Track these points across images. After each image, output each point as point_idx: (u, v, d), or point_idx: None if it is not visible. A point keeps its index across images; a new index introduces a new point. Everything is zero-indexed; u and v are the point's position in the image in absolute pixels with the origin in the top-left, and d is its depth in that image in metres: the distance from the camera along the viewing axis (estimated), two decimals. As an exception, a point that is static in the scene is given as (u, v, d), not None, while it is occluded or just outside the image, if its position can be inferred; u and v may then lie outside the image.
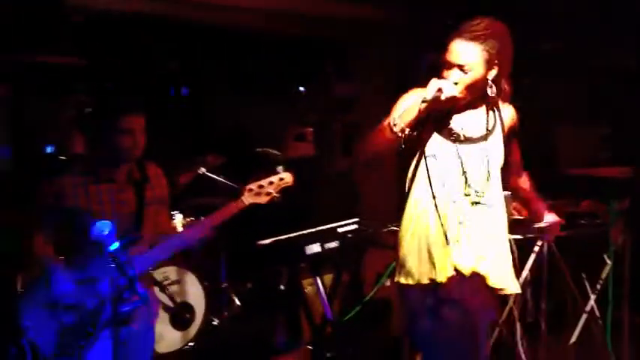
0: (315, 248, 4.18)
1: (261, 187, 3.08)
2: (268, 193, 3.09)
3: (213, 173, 4.73)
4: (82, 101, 5.81)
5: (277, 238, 4.63)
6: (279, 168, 3.19)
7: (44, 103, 6.58)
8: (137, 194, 2.91)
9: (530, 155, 5.58)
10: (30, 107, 6.35)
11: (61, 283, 2.76)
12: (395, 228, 3.74)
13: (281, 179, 3.10)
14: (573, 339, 4.19)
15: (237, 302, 4.91)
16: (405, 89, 2.67)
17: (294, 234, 4.45)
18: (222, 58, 6.41)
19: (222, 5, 5.22)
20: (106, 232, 2.31)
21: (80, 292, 2.77)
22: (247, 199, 3.06)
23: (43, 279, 2.80)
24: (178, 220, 4.49)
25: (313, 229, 4.23)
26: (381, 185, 4.00)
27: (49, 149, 6.60)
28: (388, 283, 3.88)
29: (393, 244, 2.89)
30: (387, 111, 2.56)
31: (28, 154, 6.14)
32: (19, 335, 2.77)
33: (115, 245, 2.33)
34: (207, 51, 6.28)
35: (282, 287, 4.61)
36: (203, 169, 4.71)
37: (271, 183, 3.09)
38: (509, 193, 3.84)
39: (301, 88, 7.39)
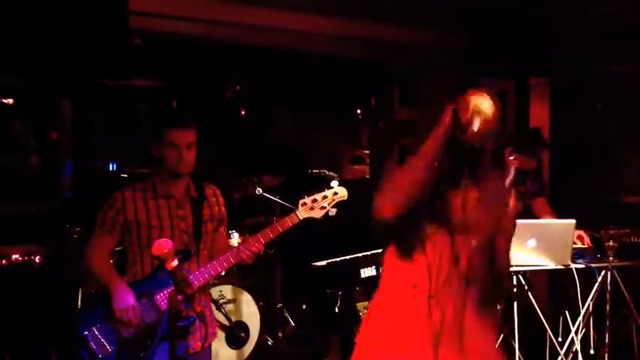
0: (370, 271, 4.15)
1: (315, 201, 3.06)
2: (322, 208, 3.06)
3: (269, 193, 4.76)
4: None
5: (333, 260, 4.62)
6: (334, 182, 3.15)
7: (107, 122, 6.77)
8: (194, 211, 2.95)
9: (593, 184, 5.47)
10: (93, 126, 6.55)
11: (122, 294, 2.81)
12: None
13: (335, 193, 3.07)
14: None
15: (292, 323, 4.90)
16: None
17: (350, 256, 4.44)
18: (282, 80, 6.49)
19: (284, 29, 5.28)
20: (166, 250, 2.34)
21: (140, 307, 2.81)
22: (301, 213, 3.04)
23: (104, 292, 2.86)
24: (235, 239, 4.53)
25: (369, 252, 4.20)
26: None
27: (111, 166, 6.78)
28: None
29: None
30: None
31: (91, 171, 6.31)
32: (79, 346, 2.82)
33: (174, 262, 2.36)
34: (267, 73, 6.37)
35: (336, 309, 4.58)
36: (260, 189, 4.74)
37: (325, 197, 3.06)
38: (574, 221, 3.76)
39: (359, 111, 7.41)
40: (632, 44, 5.15)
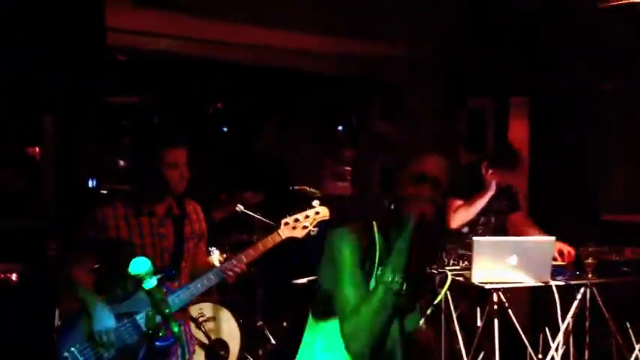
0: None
1: (297, 220, 3.09)
2: (304, 227, 3.09)
3: (250, 210, 4.75)
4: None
5: (314, 277, 4.61)
6: (315, 202, 3.18)
7: (86, 138, 6.72)
8: (176, 229, 2.94)
9: (572, 201, 5.51)
10: (73, 142, 6.50)
11: (101, 316, 2.77)
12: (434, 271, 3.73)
13: (317, 213, 3.11)
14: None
15: (273, 341, 4.87)
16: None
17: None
18: (264, 96, 6.50)
19: (264, 45, 5.31)
20: (144, 269, 2.32)
21: (120, 327, 2.78)
22: (284, 232, 3.07)
23: (83, 312, 2.82)
24: (215, 256, 4.51)
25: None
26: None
27: (90, 183, 6.73)
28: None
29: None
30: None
31: (71, 187, 6.26)
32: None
33: (153, 282, 2.33)
34: (249, 90, 6.38)
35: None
36: (241, 207, 4.74)
37: (307, 217, 3.09)
38: (554, 238, 3.79)
39: (340, 127, 7.44)
40: (612, 62, 5.22)
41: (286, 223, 3.08)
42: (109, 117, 6.65)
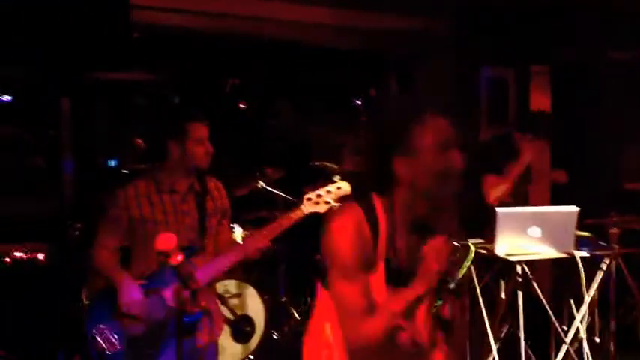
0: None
1: (319, 196, 3.08)
2: (327, 202, 3.08)
3: (271, 187, 4.75)
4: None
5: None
6: (337, 177, 3.18)
7: (105, 118, 6.76)
8: (198, 205, 2.95)
9: (593, 171, 5.47)
10: (92, 122, 6.54)
11: (129, 289, 2.80)
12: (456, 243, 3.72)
13: (338, 188, 3.10)
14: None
15: (297, 316, 4.90)
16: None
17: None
18: (281, 72, 6.47)
19: (282, 20, 5.27)
20: (170, 245, 2.33)
21: (147, 302, 2.81)
22: (306, 208, 3.07)
23: (110, 289, 2.85)
24: (237, 233, 4.52)
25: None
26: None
27: (111, 163, 6.77)
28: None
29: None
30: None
31: (91, 168, 6.30)
32: (87, 344, 2.82)
33: (179, 258, 2.35)
34: (267, 65, 6.35)
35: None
36: (262, 183, 4.75)
37: (329, 192, 3.09)
38: (577, 209, 3.76)
39: (358, 102, 7.39)
40: (631, 31, 5.13)
41: (309, 199, 3.08)
42: (125, 95, 6.68)
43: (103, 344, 2.81)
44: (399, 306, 1.84)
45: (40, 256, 4.28)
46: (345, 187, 3.13)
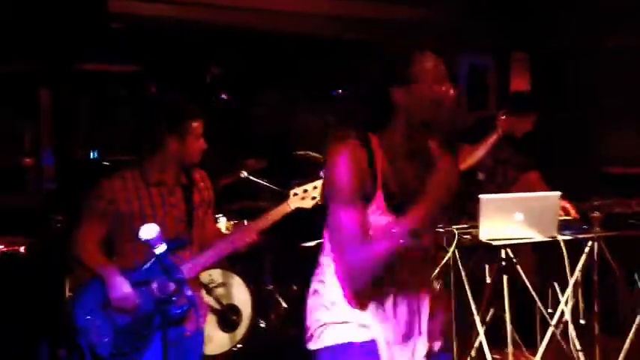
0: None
1: (305, 191, 3.09)
2: (313, 198, 3.10)
3: (254, 176, 4.74)
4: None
5: (321, 240, 4.61)
6: (323, 172, 3.17)
7: (85, 109, 6.69)
8: (185, 197, 2.93)
9: (574, 156, 5.51)
10: (72, 114, 6.47)
11: (116, 283, 2.78)
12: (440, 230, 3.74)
13: None
14: (627, 340, 4.07)
15: (284, 304, 4.90)
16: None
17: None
18: (264, 61, 6.44)
19: (265, 9, 5.24)
20: (153, 235, 2.31)
21: (134, 294, 2.79)
22: (293, 203, 3.08)
23: (96, 281, 2.83)
24: (222, 223, 4.50)
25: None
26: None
27: (92, 155, 6.70)
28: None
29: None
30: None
31: (72, 160, 6.24)
32: (73, 336, 2.80)
33: (162, 247, 2.33)
34: (248, 55, 6.32)
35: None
36: (245, 173, 4.73)
37: (315, 188, 3.10)
38: (559, 193, 3.78)
39: (340, 91, 7.36)
40: (611, 18, 5.17)
41: (295, 194, 3.10)
42: (106, 86, 6.61)
43: (91, 336, 2.79)
44: (408, 225, 1.95)
45: (21, 249, 4.23)
46: None
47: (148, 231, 2.31)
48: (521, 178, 4.42)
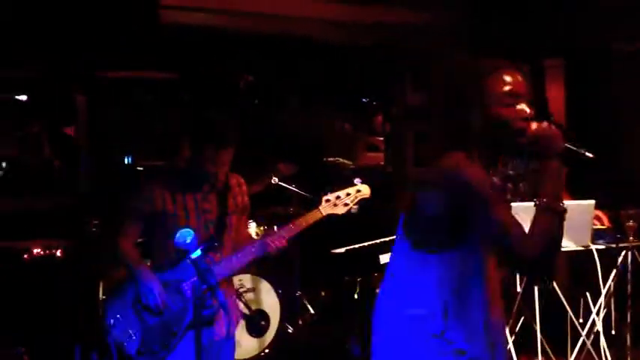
0: (388, 257, 4.15)
1: (338, 197, 3.09)
2: (345, 205, 3.10)
3: (285, 182, 4.77)
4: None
5: (351, 247, 4.62)
6: (357, 180, 3.18)
7: (122, 115, 6.80)
8: (220, 203, 2.97)
9: (609, 164, 5.42)
10: (107, 119, 6.58)
11: (147, 280, 2.83)
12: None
13: (358, 191, 3.10)
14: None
15: (312, 310, 4.92)
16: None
17: (368, 243, 4.44)
18: (295, 69, 6.48)
19: (294, 17, 5.28)
20: (189, 240, 2.35)
21: (165, 294, 2.84)
22: (325, 209, 3.08)
23: (129, 280, 2.89)
24: (252, 228, 4.54)
25: (387, 238, 4.21)
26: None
27: (127, 160, 6.81)
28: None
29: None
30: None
31: (107, 164, 6.35)
32: (104, 334, 2.86)
33: (197, 252, 2.37)
34: (280, 62, 6.36)
35: (356, 296, 4.59)
36: (275, 179, 4.76)
37: (348, 194, 3.10)
38: (593, 201, 3.75)
39: (367, 99, 7.38)
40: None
41: (327, 200, 3.09)
42: (139, 94, 6.71)
43: (120, 335, 2.84)
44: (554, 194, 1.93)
45: (58, 252, 4.32)
46: (365, 191, 3.15)
47: (184, 236, 2.35)
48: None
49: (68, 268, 4.31)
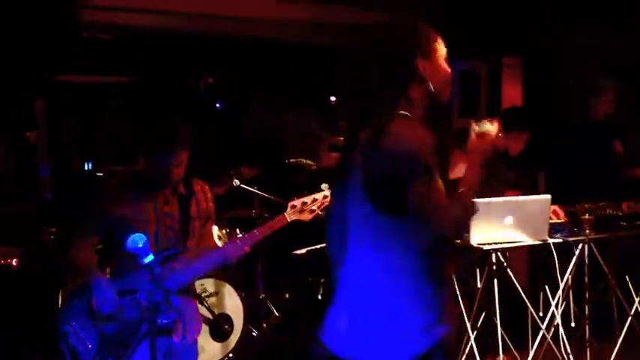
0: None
1: (304, 204, 3.06)
2: (312, 211, 3.07)
3: (247, 185, 4.74)
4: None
5: (312, 248, 4.62)
6: (324, 186, 3.15)
7: (78, 121, 6.71)
8: (182, 208, 2.92)
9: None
10: (66, 124, 6.49)
11: (103, 293, 2.79)
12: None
13: (325, 197, 3.07)
14: (618, 343, 4.07)
15: (276, 313, 4.90)
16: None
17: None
18: (256, 70, 6.46)
19: (254, 18, 5.26)
20: (140, 245, 2.32)
21: (121, 302, 2.80)
22: (290, 216, 3.05)
23: (85, 288, 2.84)
24: (214, 231, 4.50)
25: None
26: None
27: (86, 166, 6.72)
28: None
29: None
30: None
31: (66, 170, 6.26)
32: (58, 341, 2.81)
33: (149, 258, 2.34)
34: (241, 64, 6.34)
35: (319, 296, 4.59)
36: (237, 181, 4.73)
37: (315, 200, 3.07)
38: (549, 196, 3.79)
39: (333, 98, 7.39)
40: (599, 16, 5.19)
41: (293, 206, 3.06)
42: (96, 98, 6.63)
43: (75, 343, 2.80)
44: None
45: (14, 261, 4.23)
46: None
47: (135, 241, 2.32)
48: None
49: (24, 277, 4.23)
